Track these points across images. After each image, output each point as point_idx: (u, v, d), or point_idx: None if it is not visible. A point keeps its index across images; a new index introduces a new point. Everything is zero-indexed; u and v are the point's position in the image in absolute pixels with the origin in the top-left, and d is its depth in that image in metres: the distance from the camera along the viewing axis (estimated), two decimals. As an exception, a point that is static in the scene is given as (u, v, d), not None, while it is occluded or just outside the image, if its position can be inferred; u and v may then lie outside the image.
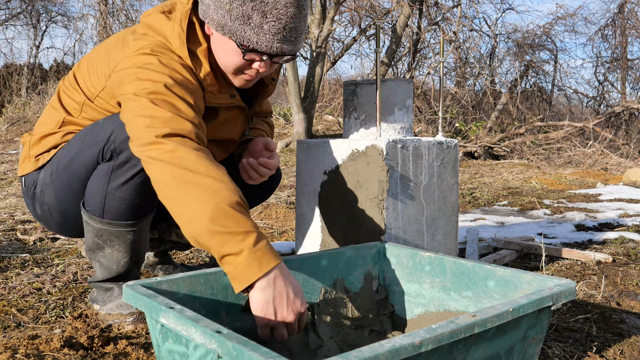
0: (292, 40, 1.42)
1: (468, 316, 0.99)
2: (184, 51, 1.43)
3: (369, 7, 9.71)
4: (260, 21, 1.36)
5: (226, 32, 1.40)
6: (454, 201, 2.03)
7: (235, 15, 1.37)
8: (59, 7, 12.96)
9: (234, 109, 1.62)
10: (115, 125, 1.50)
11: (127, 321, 1.63)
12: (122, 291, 1.63)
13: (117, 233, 1.57)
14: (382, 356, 0.83)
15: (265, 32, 1.37)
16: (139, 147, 1.31)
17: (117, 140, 1.48)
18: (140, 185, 1.50)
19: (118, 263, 1.63)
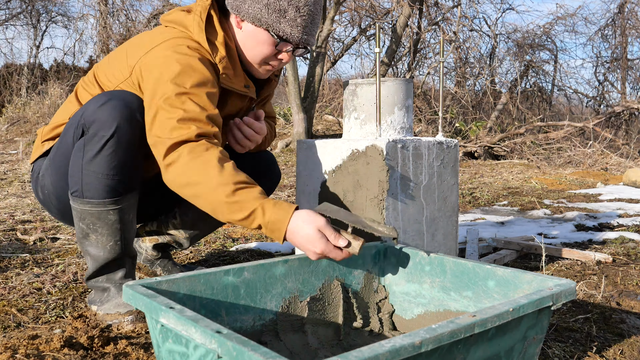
0: (314, 34, 1.64)
1: (468, 316, 0.99)
2: (203, 38, 1.58)
3: (369, 7, 9.71)
4: (295, 15, 1.58)
5: (262, 23, 1.59)
6: (454, 201, 2.03)
7: (273, 9, 1.57)
8: (59, 7, 12.96)
9: (244, 98, 1.74)
10: (87, 103, 1.57)
11: (126, 321, 1.63)
12: (118, 291, 1.66)
13: (98, 214, 1.59)
14: (382, 356, 0.83)
15: (298, 25, 1.59)
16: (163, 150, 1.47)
17: (86, 114, 1.54)
18: (111, 157, 1.53)
19: (104, 248, 1.63)
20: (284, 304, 1.43)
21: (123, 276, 1.69)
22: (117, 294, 1.67)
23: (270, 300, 1.40)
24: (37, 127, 9.06)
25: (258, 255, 2.57)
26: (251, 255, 2.56)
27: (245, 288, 1.35)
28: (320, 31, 8.04)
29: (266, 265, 1.40)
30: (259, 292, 1.38)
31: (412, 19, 9.03)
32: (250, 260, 2.41)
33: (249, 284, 1.36)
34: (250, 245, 2.74)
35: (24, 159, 6.82)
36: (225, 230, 3.10)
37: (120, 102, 1.52)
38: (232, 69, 1.64)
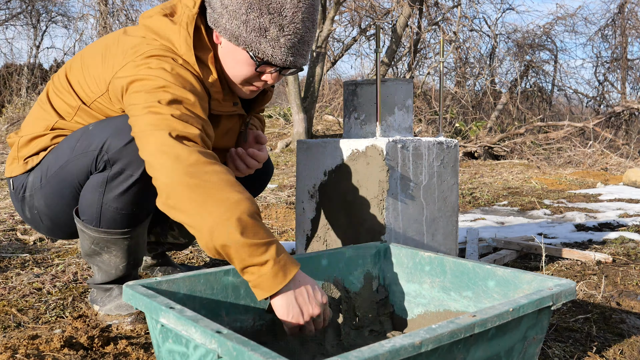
0: (304, 54, 1.41)
1: (468, 316, 0.99)
2: (192, 57, 1.39)
3: (369, 7, 9.71)
4: (277, 34, 1.34)
5: (240, 42, 1.36)
6: (454, 201, 2.03)
7: (252, 27, 1.33)
8: (59, 7, 12.97)
9: (234, 116, 1.60)
10: (108, 133, 1.46)
11: (125, 321, 1.63)
12: (121, 291, 1.64)
13: (114, 240, 1.58)
14: (382, 356, 0.83)
15: (281, 46, 1.35)
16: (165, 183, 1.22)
17: (110, 150, 1.45)
18: (136, 195, 1.50)
19: (117, 268, 1.64)
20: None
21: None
22: (120, 294, 1.68)
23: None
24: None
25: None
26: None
27: (245, 288, 1.35)
28: (320, 31, 8.05)
29: (266, 265, 1.39)
30: (259, 292, 1.38)
31: (412, 19, 9.03)
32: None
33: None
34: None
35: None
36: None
37: None
38: (222, 90, 1.47)
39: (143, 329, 1.62)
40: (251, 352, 0.83)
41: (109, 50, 1.48)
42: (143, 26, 1.45)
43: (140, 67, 1.36)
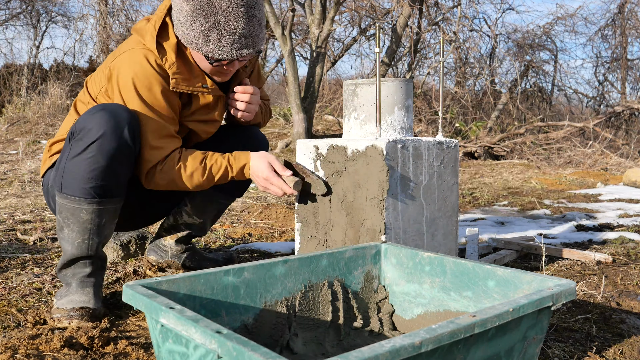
0: (250, 45, 1.72)
1: (468, 316, 0.99)
2: (153, 44, 1.73)
3: (369, 7, 9.71)
4: (218, 37, 1.67)
5: (194, 47, 1.72)
6: (454, 201, 2.03)
7: (197, 35, 1.68)
8: (59, 7, 12.96)
9: (208, 95, 1.87)
10: (83, 113, 1.71)
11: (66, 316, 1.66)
12: (78, 287, 1.73)
13: (73, 210, 1.67)
14: (382, 356, 0.83)
15: (224, 45, 1.69)
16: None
17: (78, 121, 1.68)
18: (90, 160, 1.62)
19: (72, 244, 1.71)
20: (284, 304, 1.42)
21: (88, 274, 1.75)
22: (76, 290, 1.72)
23: (270, 300, 1.40)
24: (37, 127, 9.07)
25: (258, 255, 2.57)
26: (251, 255, 2.56)
27: (245, 288, 1.35)
28: (320, 31, 8.04)
29: (266, 265, 1.40)
30: (259, 292, 1.38)
31: (412, 19, 9.03)
32: (250, 260, 2.41)
33: (249, 284, 1.36)
34: (250, 245, 2.74)
35: (23, 159, 6.83)
36: (226, 231, 3.10)
37: (110, 114, 1.64)
38: (187, 72, 1.78)
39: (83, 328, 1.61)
40: (251, 352, 0.83)
41: (112, 53, 1.86)
42: (132, 30, 1.84)
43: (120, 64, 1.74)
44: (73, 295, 1.71)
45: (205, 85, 1.82)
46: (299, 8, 8.51)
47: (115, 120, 1.63)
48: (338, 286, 1.51)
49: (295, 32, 11.39)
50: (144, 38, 1.75)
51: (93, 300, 1.71)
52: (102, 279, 1.81)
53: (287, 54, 7.83)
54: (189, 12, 1.66)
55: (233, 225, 3.25)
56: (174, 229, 2.18)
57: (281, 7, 9.58)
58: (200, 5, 1.64)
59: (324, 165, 1.87)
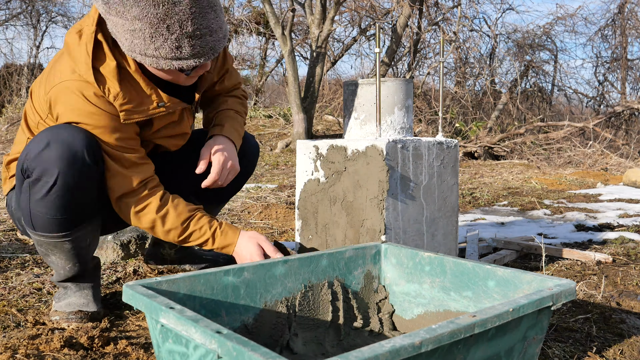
0: (221, 39, 1.49)
1: (468, 316, 0.99)
2: (90, 76, 1.48)
3: (369, 7, 9.71)
4: (191, 45, 1.43)
5: (164, 66, 1.46)
6: (454, 201, 2.03)
7: (165, 52, 1.43)
8: (59, 7, 12.96)
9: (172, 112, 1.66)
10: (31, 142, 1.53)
11: (64, 318, 1.65)
12: (76, 290, 1.71)
13: (54, 243, 1.61)
14: (382, 356, 0.83)
15: (198, 52, 1.45)
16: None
17: (28, 158, 1.51)
18: (56, 200, 1.51)
19: (64, 268, 1.68)
20: (284, 304, 1.43)
21: (84, 281, 1.74)
22: (75, 293, 1.71)
23: (270, 300, 1.40)
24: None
25: (258, 255, 2.56)
26: (251, 255, 2.56)
27: (245, 288, 1.35)
28: (320, 31, 8.05)
29: (266, 265, 1.40)
30: (259, 292, 1.38)
31: (412, 19, 9.03)
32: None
33: (249, 284, 1.36)
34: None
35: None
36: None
37: (62, 146, 1.47)
38: (136, 96, 1.55)
39: (85, 328, 1.62)
40: (251, 352, 0.83)
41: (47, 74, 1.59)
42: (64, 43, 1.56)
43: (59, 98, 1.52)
44: (72, 298, 1.70)
45: (162, 103, 1.60)
46: (299, 8, 8.51)
47: (69, 151, 1.47)
48: (338, 286, 1.51)
49: (295, 32, 11.39)
50: (77, 65, 1.50)
51: (92, 303, 1.70)
52: (99, 279, 1.80)
53: (287, 54, 7.83)
54: (146, 30, 1.40)
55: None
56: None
57: (281, 7, 9.59)
58: (158, 19, 1.38)
59: (324, 165, 1.87)
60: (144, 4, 1.37)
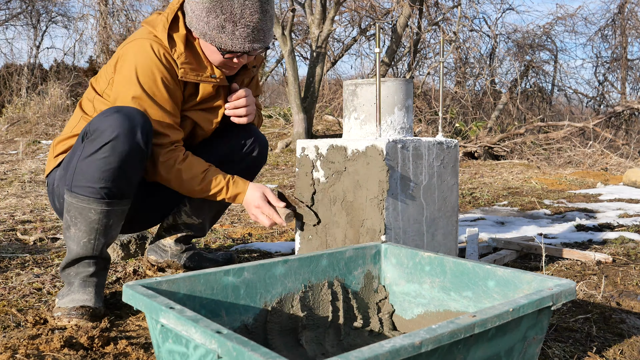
0: (262, 39, 1.78)
1: (468, 316, 0.99)
2: (164, 34, 1.78)
3: (369, 7, 9.71)
4: (233, 29, 1.72)
5: (207, 39, 1.76)
6: (454, 201, 2.03)
7: (212, 26, 1.73)
8: (59, 7, 12.96)
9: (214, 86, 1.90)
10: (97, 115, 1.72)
11: (66, 315, 1.66)
12: (80, 287, 1.73)
13: (81, 209, 1.67)
14: (382, 356, 0.83)
15: (237, 37, 1.74)
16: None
17: (93, 122, 1.68)
18: (103, 162, 1.63)
19: (79, 243, 1.71)
20: (284, 304, 1.42)
21: (90, 274, 1.75)
22: (78, 290, 1.73)
23: (271, 300, 1.40)
24: (37, 128, 9.07)
25: (258, 255, 2.57)
26: (251, 255, 2.56)
27: (245, 288, 1.35)
28: (320, 31, 8.04)
29: (266, 265, 1.40)
30: (259, 292, 1.38)
31: (412, 19, 9.03)
32: (250, 260, 2.41)
33: (249, 284, 1.36)
34: (250, 245, 2.74)
35: (23, 159, 6.82)
36: (226, 231, 3.10)
37: (125, 116, 1.65)
38: (195, 62, 1.82)
39: (83, 328, 1.61)
40: (251, 353, 0.83)
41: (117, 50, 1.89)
42: (142, 23, 1.87)
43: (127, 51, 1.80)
44: (75, 294, 1.71)
45: (214, 75, 1.86)
46: (299, 8, 8.51)
47: (129, 122, 1.64)
48: (338, 286, 1.51)
49: (295, 32, 11.39)
50: (154, 29, 1.79)
51: (94, 299, 1.71)
52: (105, 279, 1.81)
53: (287, 54, 7.83)
54: (205, 4, 1.70)
55: (233, 225, 3.25)
56: (174, 229, 2.18)
57: (281, 7, 9.58)
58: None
59: (324, 165, 1.87)
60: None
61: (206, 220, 2.17)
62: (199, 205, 2.11)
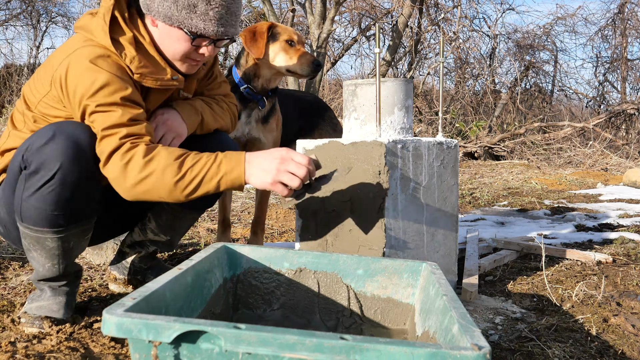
0: (233, 24, 1.60)
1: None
2: (107, 40, 1.53)
3: (369, 7, 9.72)
4: (206, 8, 1.52)
5: (174, 21, 1.54)
6: (454, 201, 2.03)
7: (182, 5, 1.51)
8: (59, 7, 12.96)
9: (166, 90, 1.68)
10: (34, 135, 1.52)
11: (29, 323, 1.59)
12: (51, 295, 1.65)
13: (37, 238, 1.56)
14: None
15: (211, 18, 1.54)
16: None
17: (31, 150, 1.49)
18: (50, 195, 1.49)
19: (43, 266, 1.62)
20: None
21: (63, 285, 1.67)
22: (49, 297, 1.65)
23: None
24: (37, 128, 9.06)
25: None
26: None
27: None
28: (320, 32, 8.05)
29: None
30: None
31: (412, 19, 9.03)
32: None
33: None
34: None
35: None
36: (225, 231, 3.09)
37: (66, 140, 1.47)
38: (152, 65, 1.59)
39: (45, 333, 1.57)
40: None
41: (52, 57, 1.61)
42: (75, 28, 1.62)
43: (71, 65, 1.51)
44: (44, 302, 1.64)
45: (176, 77, 1.63)
46: (299, 8, 8.51)
47: (74, 147, 1.47)
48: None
49: (295, 32, 11.38)
50: (92, 34, 1.55)
51: (63, 310, 1.64)
52: (77, 286, 1.73)
53: (287, 54, 7.82)
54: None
55: (233, 226, 3.25)
56: (139, 245, 1.98)
57: (281, 7, 9.59)
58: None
59: (324, 165, 1.87)
60: None
61: (175, 236, 1.97)
62: (167, 222, 1.89)
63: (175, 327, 0.93)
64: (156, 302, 1.10)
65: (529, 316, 1.83)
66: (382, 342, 0.89)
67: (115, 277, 2.02)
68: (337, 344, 0.89)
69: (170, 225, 1.90)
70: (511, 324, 1.76)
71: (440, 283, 1.30)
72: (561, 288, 2.10)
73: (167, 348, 0.96)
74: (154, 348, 0.96)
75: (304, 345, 0.90)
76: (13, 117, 1.69)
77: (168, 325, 0.94)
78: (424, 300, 1.38)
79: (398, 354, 0.88)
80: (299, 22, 11.16)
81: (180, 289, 1.23)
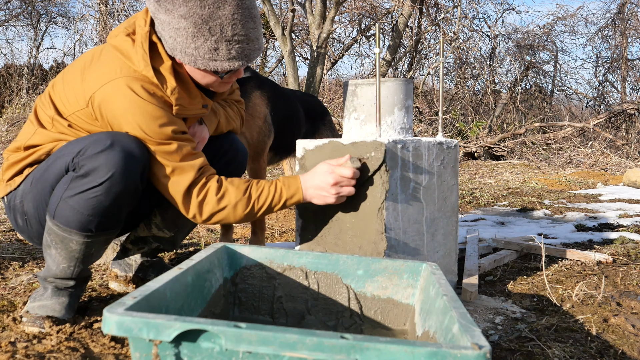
0: (257, 47, 1.62)
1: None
2: (150, 71, 1.56)
3: (369, 7, 9.72)
4: (228, 49, 1.55)
5: (199, 66, 1.57)
6: (454, 201, 2.03)
7: (203, 51, 1.54)
8: (59, 7, 12.97)
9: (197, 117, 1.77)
10: (87, 141, 1.55)
11: (35, 323, 1.60)
12: (53, 294, 1.66)
13: (62, 237, 1.57)
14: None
15: (234, 57, 1.57)
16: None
17: (85, 154, 1.52)
18: (92, 200, 1.51)
19: (57, 266, 1.63)
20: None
21: (69, 287, 1.67)
22: (51, 297, 1.66)
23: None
24: (37, 128, 9.06)
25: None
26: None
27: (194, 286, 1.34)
28: (320, 32, 8.05)
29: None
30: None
31: (412, 19, 9.03)
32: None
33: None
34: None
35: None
36: (226, 231, 3.09)
37: (121, 152, 1.51)
38: (187, 96, 1.65)
39: (45, 332, 1.57)
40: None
41: (88, 69, 1.62)
42: (110, 46, 1.62)
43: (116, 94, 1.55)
44: (46, 301, 1.65)
45: (205, 105, 1.72)
46: (299, 8, 8.51)
47: (126, 160, 1.51)
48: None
49: (295, 32, 11.40)
50: (132, 62, 1.57)
51: (64, 311, 1.65)
52: (82, 291, 1.74)
53: (287, 55, 7.83)
54: (189, 30, 1.51)
55: (233, 225, 3.25)
56: (142, 241, 2.00)
57: (281, 7, 9.59)
58: (202, 20, 1.50)
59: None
60: (191, 4, 1.49)
61: (179, 233, 1.98)
62: (172, 217, 1.91)
63: (175, 325, 0.93)
64: (157, 301, 1.11)
65: (529, 316, 1.83)
66: (383, 341, 0.89)
67: (117, 275, 2.03)
68: (338, 343, 0.89)
69: (175, 221, 1.93)
70: (511, 324, 1.76)
71: (440, 283, 1.30)
72: (561, 288, 2.10)
73: (167, 347, 0.96)
74: (154, 347, 0.96)
75: (305, 344, 0.90)
76: (39, 116, 1.69)
77: (168, 324, 0.94)
78: (424, 300, 1.39)
79: (398, 353, 0.88)
80: (299, 22, 11.16)
81: (180, 289, 1.23)
